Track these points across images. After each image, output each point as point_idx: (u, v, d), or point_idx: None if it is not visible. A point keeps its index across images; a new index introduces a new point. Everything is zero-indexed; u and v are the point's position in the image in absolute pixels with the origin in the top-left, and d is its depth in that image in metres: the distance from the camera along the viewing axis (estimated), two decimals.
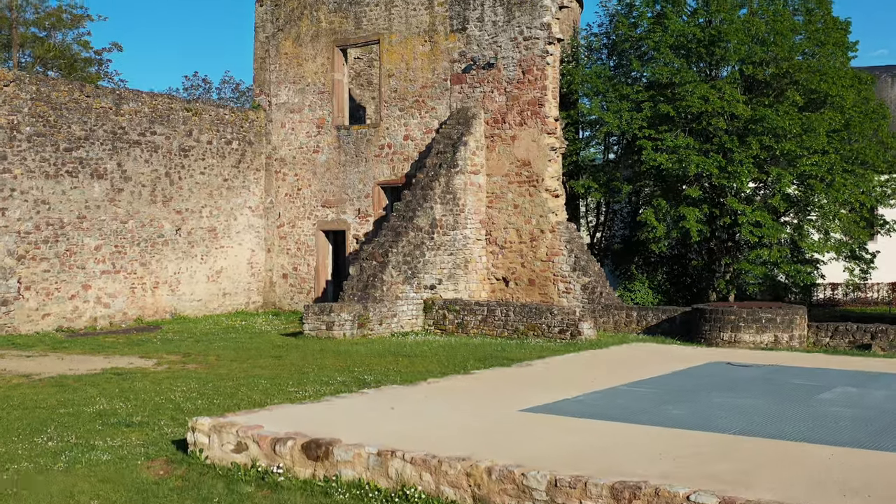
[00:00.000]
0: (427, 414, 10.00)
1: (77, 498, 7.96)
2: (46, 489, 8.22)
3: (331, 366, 16.68)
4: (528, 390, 11.50)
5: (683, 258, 35.21)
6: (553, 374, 13.11)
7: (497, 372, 13.38)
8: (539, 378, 12.75)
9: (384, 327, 21.98)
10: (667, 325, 21.97)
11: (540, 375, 13.01)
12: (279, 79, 29.27)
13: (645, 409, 9.98)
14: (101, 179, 25.04)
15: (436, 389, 11.59)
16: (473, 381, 12.38)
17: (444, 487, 7.44)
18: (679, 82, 30.84)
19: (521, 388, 11.81)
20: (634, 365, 13.97)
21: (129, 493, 8.14)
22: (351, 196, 27.76)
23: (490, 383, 12.20)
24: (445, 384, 12.02)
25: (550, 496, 6.90)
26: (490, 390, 11.61)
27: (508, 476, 7.11)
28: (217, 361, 17.83)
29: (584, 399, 10.65)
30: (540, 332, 21.05)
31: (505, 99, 24.56)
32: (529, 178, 24.26)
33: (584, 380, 12.25)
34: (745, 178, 28.29)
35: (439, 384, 12.02)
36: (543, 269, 24.06)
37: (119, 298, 25.52)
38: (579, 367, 13.85)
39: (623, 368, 13.51)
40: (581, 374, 12.97)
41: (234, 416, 9.47)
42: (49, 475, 8.72)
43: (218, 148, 28.26)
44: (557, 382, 12.20)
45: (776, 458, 7.73)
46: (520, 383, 12.22)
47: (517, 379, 12.63)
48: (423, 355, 17.95)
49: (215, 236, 28.25)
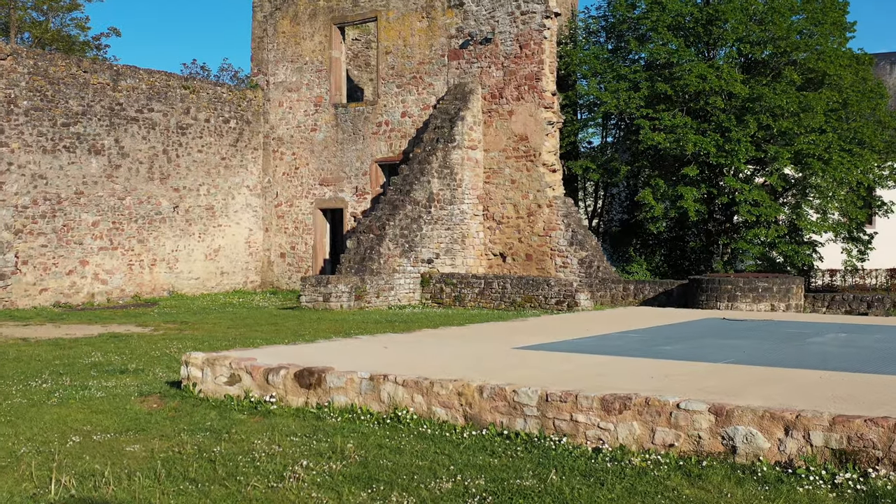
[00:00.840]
0: (420, 350, 10.02)
1: (70, 425, 7.97)
2: (39, 418, 8.23)
3: (327, 330, 16.67)
4: (522, 335, 11.51)
5: (681, 240, 35.21)
6: (548, 326, 13.14)
7: (492, 324, 13.40)
8: (534, 328, 12.78)
9: (381, 300, 21.99)
10: (664, 297, 21.98)
11: (535, 326, 13.04)
12: (277, 58, 29.27)
13: (638, 349, 9.99)
14: (98, 155, 25.04)
15: (430, 335, 11.61)
16: (468, 330, 12.41)
17: (436, 408, 7.45)
18: (677, 62, 30.88)
19: (516, 334, 11.82)
20: (630, 320, 13.98)
21: (122, 420, 8.15)
22: (349, 174, 27.75)
23: (485, 331, 12.23)
24: (440, 332, 12.05)
25: (542, 411, 6.91)
26: (484, 335, 11.64)
27: (500, 393, 7.12)
28: (214, 328, 17.84)
29: (577, 341, 10.66)
30: (537, 303, 21.05)
31: (502, 74, 24.57)
32: (527, 153, 24.27)
33: (578, 330, 12.26)
34: (743, 156, 28.30)
35: (434, 332, 12.03)
36: (541, 243, 24.07)
37: (116, 275, 25.52)
38: (574, 322, 13.87)
39: (618, 323, 13.52)
40: (575, 326, 12.99)
41: (228, 352, 9.48)
42: (42, 408, 8.73)
43: (216, 126, 28.26)
44: (552, 331, 12.22)
45: (766, 378, 7.74)
46: (514, 331, 12.24)
47: (512, 328, 12.65)
48: (420, 322, 17.96)
49: (213, 215, 28.25)
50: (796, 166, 29.45)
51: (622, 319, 14.14)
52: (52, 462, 6.55)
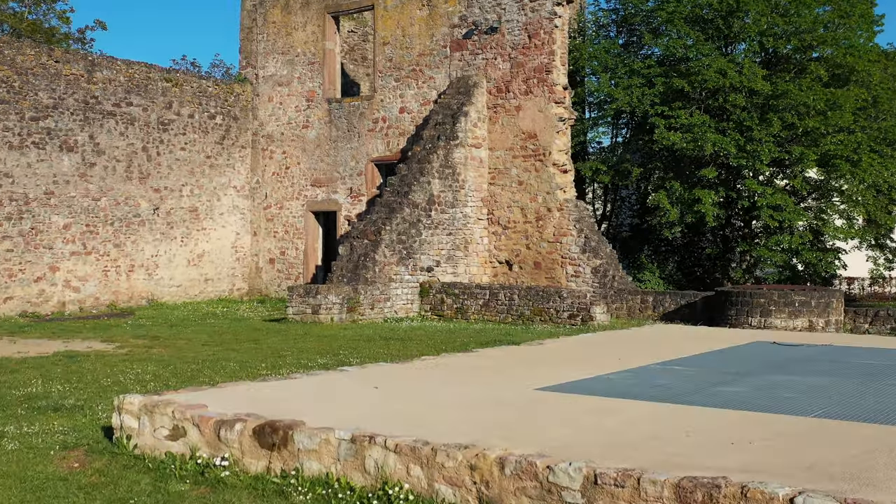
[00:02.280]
0: (419, 392, 8.04)
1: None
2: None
3: (313, 349, 14.72)
4: (542, 368, 9.53)
5: (695, 246, 33.26)
6: (570, 352, 11.13)
7: (504, 350, 11.36)
8: (554, 356, 10.77)
9: (376, 312, 20.02)
10: (686, 310, 20.02)
11: (555, 353, 11.03)
12: (267, 49, 27.31)
13: (693, 389, 8.03)
14: (70, 152, 23.07)
15: (431, 366, 9.62)
16: (476, 358, 10.40)
17: (440, 485, 5.49)
18: (694, 56, 28.94)
19: (535, 365, 9.83)
20: (663, 344, 12.00)
21: (22, 492, 6.17)
22: (342, 174, 25.79)
23: (496, 360, 10.22)
24: (443, 361, 10.04)
25: (588, 498, 4.94)
26: (497, 368, 9.64)
27: (528, 469, 5.16)
28: (186, 345, 15.87)
29: (613, 378, 8.69)
30: (548, 317, 19.10)
31: (509, 66, 22.60)
32: (535, 152, 22.30)
33: (607, 358, 10.28)
34: (766, 157, 26.38)
35: (435, 361, 10.04)
36: (550, 250, 22.10)
37: (90, 282, 23.53)
38: (599, 346, 11.87)
39: (651, 347, 11.54)
40: (603, 352, 10.99)
41: (174, 394, 7.50)
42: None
43: (200, 122, 26.29)
44: (577, 360, 10.23)
45: (890, 445, 5.78)
46: (532, 361, 10.24)
47: (528, 357, 10.64)
48: (418, 339, 16.01)
49: (197, 217, 26.27)
50: (822, 168, 27.51)
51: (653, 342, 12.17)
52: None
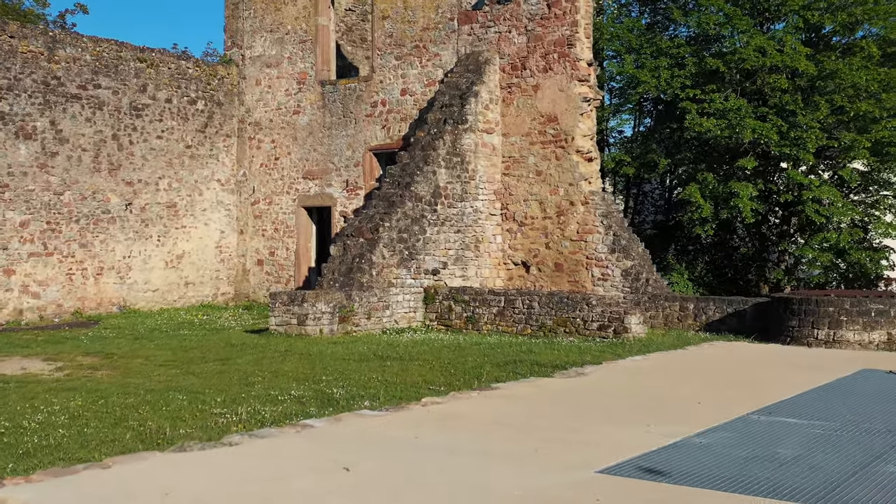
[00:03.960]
0: (412, 480, 5.21)
1: None
2: None
3: (290, 373, 11.94)
4: (594, 421, 6.73)
5: (726, 244, 30.39)
6: (622, 389, 8.28)
7: (533, 385, 8.46)
8: (604, 397, 7.94)
9: (373, 322, 17.24)
10: (734, 319, 17.18)
11: (603, 392, 8.19)
12: (254, 27, 24.54)
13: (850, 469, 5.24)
14: (28, 140, 20.34)
15: (435, 420, 6.79)
16: (498, 402, 7.55)
17: None
18: (729, 34, 26.08)
19: (582, 416, 7.02)
20: (740, 373, 9.18)
21: None
22: (337, 165, 23.00)
23: (526, 406, 7.38)
24: (452, 409, 7.20)
25: None
26: (529, 423, 6.82)
27: None
28: (141, 366, 13.12)
29: (709, 444, 5.93)
30: (573, 328, 16.28)
31: (526, 40, 19.78)
32: (556, 138, 19.48)
33: (679, 400, 7.46)
34: (812, 145, 23.52)
35: (441, 409, 7.19)
36: (574, 250, 19.28)
37: (52, 287, 20.80)
38: (655, 377, 9.05)
39: (727, 379, 8.73)
40: (666, 387, 8.16)
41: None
42: None
43: (179, 108, 23.53)
44: (638, 405, 7.41)
45: None
46: (576, 407, 7.41)
47: (569, 398, 7.80)
48: (421, 358, 13.22)
49: (175, 214, 23.51)
50: (875, 157, 24.63)
51: (725, 370, 9.36)
52: None
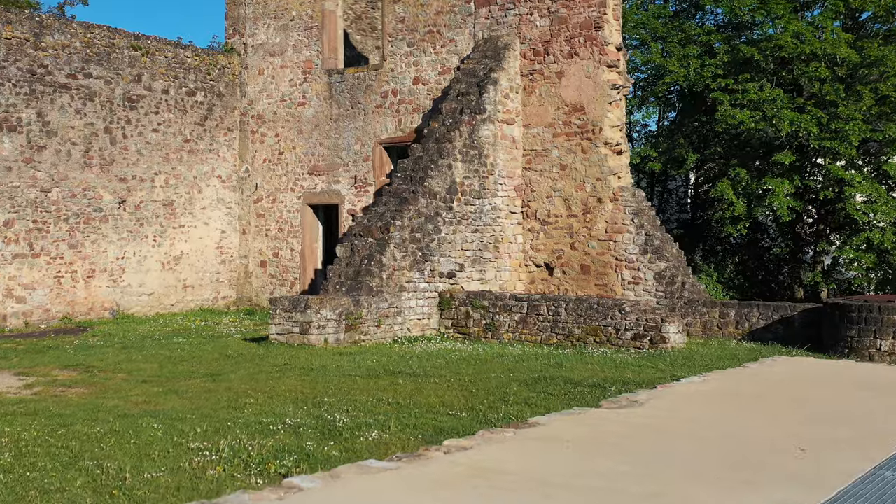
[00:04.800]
0: None
1: None
2: None
3: (288, 392, 10.42)
4: (677, 479, 5.12)
5: (757, 245, 28.75)
6: (697, 429, 6.62)
7: (580, 422, 6.78)
8: (676, 439, 6.30)
9: (383, 330, 15.71)
10: (780, 327, 15.56)
11: (672, 432, 6.54)
12: (256, 13, 23.04)
13: None
14: (12, 133, 18.90)
15: (464, 479, 5.20)
16: (541, 447, 5.94)
17: None
18: (762, 20, 24.47)
19: (658, 472, 5.38)
20: (831, 405, 7.56)
21: None
22: (345, 160, 21.48)
23: (580, 456, 5.75)
24: (483, 459, 5.58)
25: None
26: (590, 482, 5.19)
27: None
28: (121, 383, 11.64)
29: None
30: (604, 337, 14.71)
31: (549, 22, 18.21)
32: (582, 129, 17.90)
33: (776, 446, 5.87)
34: (855, 138, 21.88)
35: (470, 458, 5.58)
36: (602, 251, 17.70)
37: (38, 291, 19.35)
38: (733, 409, 7.42)
39: (820, 414, 7.13)
40: (755, 428, 6.52)
41: None
42: None
43: (177, 99, 22.05)
44: (727, 453, 5.76)
45: None
46: (644, 456, 5.78)
47: (632, 443, 6.17)
48: (437, 374, 11.67)
49: (173, 212, 22.03)
50: None
51: (808, 398, 7.76)
52: None
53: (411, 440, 7.78)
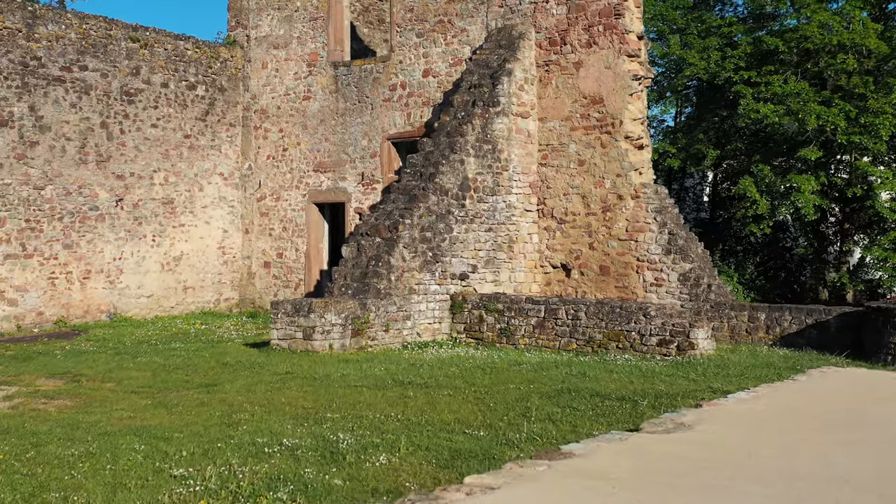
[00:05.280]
0: None
1: None
2: None
3: (288, 406, 9.50)
4: None
5: (778, 244, 27.77)
6: (761, 462, 5.66)
7: (623, 452, 5.73)
8: (738, 473, 5.30)
9: (392, 335, 14.79)
10: (814, 332, 14.60)
11: (732, 464, 5.53)
12: (260, 4, 22.16)
13: None
14: (4, 128, 18.07)
15: None
16: (582, 487, 4.93)
17: None
18: (786, 10, 23.51)
19: None
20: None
21: None
22: (352, 156, 20.58)
23: (629, 499, 4.82)
24: (504, 500, 4.63)
25: None
26: None
27: None
28: (109, 394, 10.76)
29: None
30: (627, 342, 13.76)
31: (566, 10, 17.27)
32: (601, 122, 16.96)
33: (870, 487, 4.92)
34: (885, 133, 20.92)
35: (497, 502, 4.62)
36: (622, 251, 16.76)
37: (31, 293, 18.50)
38: (794, 435, 6.45)
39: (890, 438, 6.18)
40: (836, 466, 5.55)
41: None
42: None
43: (177, 94, 21.18)
44: (808, 496, 4.83)
45: None
46: (705, 498, 4.85)
47: (686, 480, 5.19)
48: (451, 385, 10.75)
49: (173, 211, 21.17)
50: None
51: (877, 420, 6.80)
52: None
53: (424, 465, 6.88)
